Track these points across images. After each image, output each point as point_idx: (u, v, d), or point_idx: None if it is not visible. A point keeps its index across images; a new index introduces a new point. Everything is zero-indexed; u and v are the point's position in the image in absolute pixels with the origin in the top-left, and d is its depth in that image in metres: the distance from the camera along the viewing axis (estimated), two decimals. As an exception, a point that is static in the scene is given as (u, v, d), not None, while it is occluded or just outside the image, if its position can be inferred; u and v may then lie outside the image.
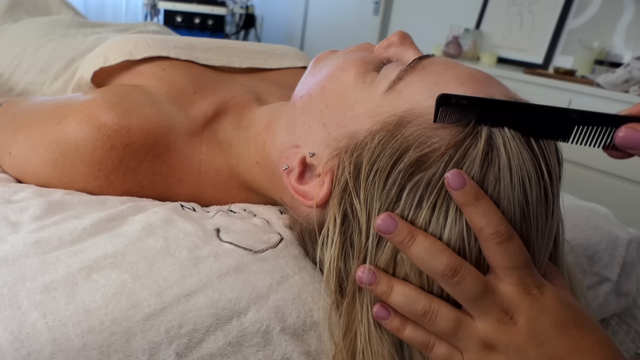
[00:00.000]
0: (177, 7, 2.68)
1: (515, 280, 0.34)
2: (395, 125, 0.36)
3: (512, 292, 0.34)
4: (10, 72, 0.88)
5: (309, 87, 0.44)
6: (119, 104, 0.49)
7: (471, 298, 0.34)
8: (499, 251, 0.33)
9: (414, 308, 0.35)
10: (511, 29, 2.16)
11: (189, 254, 0.40)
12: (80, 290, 0.35)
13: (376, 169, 0.36)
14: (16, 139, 0.51)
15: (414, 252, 0.34)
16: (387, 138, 0.36)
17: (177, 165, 0.52)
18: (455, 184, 0.33)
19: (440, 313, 0.35)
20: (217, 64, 0.63)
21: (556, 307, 0.34)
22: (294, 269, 0.42)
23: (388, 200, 0.35)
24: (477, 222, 0.33)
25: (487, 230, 0.33)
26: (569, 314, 0.34)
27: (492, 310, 0.34)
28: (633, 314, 0.64)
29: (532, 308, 0.34)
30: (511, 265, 0.33)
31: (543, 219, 0.36)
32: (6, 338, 0.31)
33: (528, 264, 0.34)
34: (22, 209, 0.43)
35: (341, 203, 0.38)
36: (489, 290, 0.34)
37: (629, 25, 1.83)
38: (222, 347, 0.35)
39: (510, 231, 0.33)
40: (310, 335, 0.39)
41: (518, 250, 0.33)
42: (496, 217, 0.33)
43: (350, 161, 0.38)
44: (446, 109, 0.35)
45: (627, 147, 0.31)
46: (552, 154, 0.36)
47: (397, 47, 0.44)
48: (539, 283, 0.34)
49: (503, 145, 0.34)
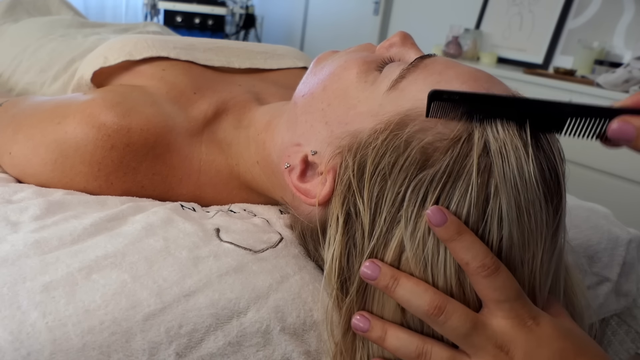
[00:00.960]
0: (177, 7, 2.68)
1: (507, 313, 0.33)
2: (398, 125, 0.36)
3: (506, 326, 0.33)
4: (10, 72, 0.88)
5: (311, 86, 0.45)
6: (119, 104, 0.49)
7: (461, 335, 0.33)
8: (487, 285, 0.33)
9: (408, 350, 0.35)
10: (511, 29, 2.16)
11: (189, 254, 0.40)
12: (80, 290, 0.35)
13: (380, 169, 0.36)
14: (16, 139, 0.51)
15: (399, 294, 0.34)
16: (391, 138, 0.36)
17: (177, 165, 0.52)
18: (437, 220, 0.33)
19: (433, 353, 0.34)
20: (217, 64, 0.63)
21: (554, 337, 0.33)
22: (294, 268, 0.42)
23: (392, 199, 0.35)
24: (462, 257, 0.33)
25: (474, 264, 0.33)
26: (568, 343, 0.33)
27: (485, 346, 0.33)
28: (633, 314, 0.64)
29: (528, 341, 0.33)
30: (502, 298, 0.33)
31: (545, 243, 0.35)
32: (6, 338, 0.31)
33: (519, 295, 0.33)
34: (22, 209, 0.43)
35: (344, 202, 0.38)
36: (479, 326, 0.33)
37: (629, 25, 1.83)
38: (222, 347, 0.35)
39: (496, 263, 0.33)
40: (310, 335, 0.39)
41: (507, 282, 0.33)
42: (481, 250, 0.33)
43: (354, 160, 0.37)
44: (438, 104, 0.35)
45: (619, 139, 0.31)
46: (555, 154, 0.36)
47: (399, 47, 0.44)
48: (534, 313, 0.34)
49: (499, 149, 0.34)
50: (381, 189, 0.35)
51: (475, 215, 0.33)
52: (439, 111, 0.35)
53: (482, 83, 0.38)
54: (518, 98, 0.35)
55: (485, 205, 0.33)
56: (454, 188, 0.33)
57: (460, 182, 0.33)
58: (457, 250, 0.33)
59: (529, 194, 0.34)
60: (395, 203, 0.35)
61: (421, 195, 0.34)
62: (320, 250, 0.42)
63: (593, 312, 0.58)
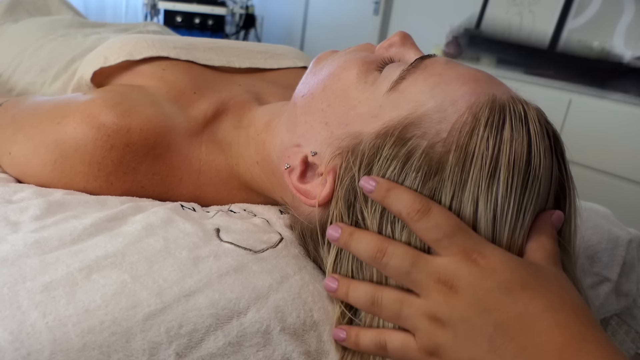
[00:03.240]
0: (177, 7, 2.67)
1: (449, 249, 0.33)
2: (401, 131, 0.37)
3: (448, 262, 0.33)
4: (10, 72, 0.88)
5: (311, 87, 0.45)
6: (118, 104, 0.49)
7: (403, 274, 0.34)
8: (422, 227, 0.34)
9: (364, 300, 0.36)
10: (511, 29, 2.15)
11: (189, 254, 0.40)
12: (80, 290, 0.35)
13: (387, 177, 0.36)
14: (16, 139, 0.51)
15: (352, 246, 0.37)
16: (395, 145, 0.36)
17: (177, 165, 0.52)
18: (368, 187, 0.36)
19: (384, 298, 0.35)
20: (217, 64, 0.63)
21: (499, 269, 0.32)
22: (294, 268, 0.42)
23: None
24: (395, 210, 0.35)
25: (404, 212, 0.34)
26: (515, 275, 0.32)
27: (428, 283, 0.33)
28: (633, 314, 0.64)
29: (471, 273, 0.32)
30: (439, 236, 0.33)
31: None
32: (6, 338, 0.31)
33: (458, 229, 0.33)
34: (22, 209, 0.43)
35: (349, 208, 0.38)
36: (419, 263, 0.34)
37: (629, 25, 1.83)
38: (222, 347, 0.35)
39: (425, 205, 0.34)
40: (310, 335, 0.38)
41: (441, 220, 0.33)
42: (409, 197, 0.34)
43: (358, 166, 0.38)
44: None
45: None
46: None
47: (399, 47, 0.44)
48: (479, 247, 0.33)
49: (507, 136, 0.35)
50: None
51: None
52: None
53: (482, 84, 0.38)
54: None
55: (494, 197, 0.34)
56: (462, 191, 0.34)
57: (468, 184, 0.34)
58: (390, 205, 0.35)
59: None
60: None
61: None
62: (320, 250, 0.42)
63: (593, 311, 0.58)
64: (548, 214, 0.37)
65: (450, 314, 0.32)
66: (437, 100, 0.37)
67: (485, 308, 0.31)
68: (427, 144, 0.36)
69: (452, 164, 0.34)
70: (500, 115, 0.35)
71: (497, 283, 0.32)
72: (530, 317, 0.30)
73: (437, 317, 0.33)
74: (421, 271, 0.34)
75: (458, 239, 0.33)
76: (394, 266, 0.35)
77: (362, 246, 0.36)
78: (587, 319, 0.31)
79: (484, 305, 0.31)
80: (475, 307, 0.31)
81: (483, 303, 0.31)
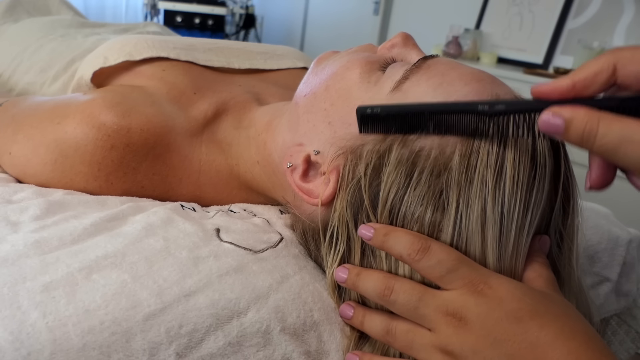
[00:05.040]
0: (177, 7, 2.68)
1: (455, 283, 0.33)
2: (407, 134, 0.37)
3: (455, 294, 0.33)
4: (10, 72, 0.88)
5: (313, 86, 0.45)
6: (119, 104, 0.49)
7: (411, 309, 0.34)
8: (424, 266, 0.34)
9: (379, 330, 0.37)
10: (511, 29, 2.15)
11: (189, 254, 0.40)
12: (80, 290, 0.35)
13: (396, 188, 0.36)
14: (16, 139, 0.51)
15: (361, 287, 0.37)
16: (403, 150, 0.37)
17: (177, 165, 0.52)
18: (367, 235, 0.36)
19: (397, 328, 0.36)
20: (216, 64, 0.63)
21: (507, 299, 0.32)
22: (294, 268, 0.42)
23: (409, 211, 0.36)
24: (395, 253, 0.35)
25: (405, 254, 0.34)
26: (523, 305, 0.32)
27: (436, 316, 0.33)
28: (633, 314, 0.64)
29: (478, 304, 0.32)
30: (443, 272, 0.33)
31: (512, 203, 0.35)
32: (6, 338, 0.31)
33: (461, 263, 0.33)
34: (22, 209, 0.43)
35: (356, 217, 0.38)
36: (426, 298, 0.34)
37: (629, 25, 1.83)
38: (222, 347, 0.35)
39: (424, 242, 0.34)
40: (310, 335, 0.39)
41: (442, 255, 0.33)
42: (407, 239, 0.34)
43: (365, 168, 0.38)
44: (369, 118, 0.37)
45: (549, 132, 0.30)
46: None
47: (401, 47, 0.44)
48: (484, 277, 0.33)
49: None
50: (396, 201, 0.36)
51: None
52: (372, 126, 0.37)
53: (485, 84, 0.38)
54: (438, 105, 0.36)
55: None
56: (470, 189, 0.34)
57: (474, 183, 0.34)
58: (390, 249, 0.35)
59: None
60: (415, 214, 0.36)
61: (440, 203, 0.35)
62: (322, 249, 0.42)
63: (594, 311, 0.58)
64: (535, 241, 0.37)
65: (461, 346, 0.32)
66: (441, 100, 0.37)
67: (496, 339, 0.31)
68: (432, 145, 0.36)
69: (457, 163, 0.35)
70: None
71: (506, 313, 0.31)
72: (542, 346, 0.30)
73: (449, 350, 0.33)
74: (429, 305, 0.34)
75: (462, 272, 0.33)
76: (402, 302, 0.35)
77: (370, 285, 0.36)
78: (599, 346, 0.31)
79: (495, 335, 0.31)
80: (486, 339, 0.31)
81: (493, 334, 0.31)
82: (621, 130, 0.27)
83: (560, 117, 0.29)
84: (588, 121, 0.28)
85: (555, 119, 0.29)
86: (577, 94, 0.30)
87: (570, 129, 0.29)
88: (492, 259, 0.35)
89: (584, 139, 0.29)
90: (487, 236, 0.34)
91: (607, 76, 0.29)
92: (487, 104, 0.33)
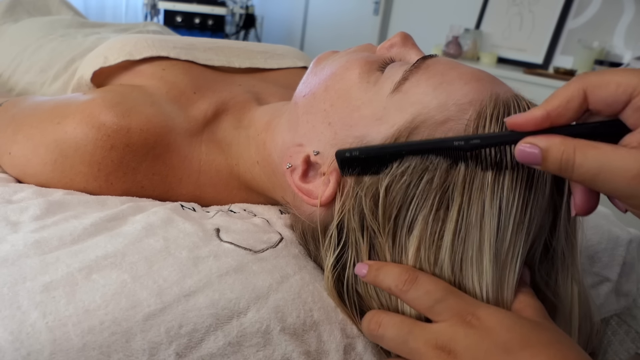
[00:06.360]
0: (177, 7, 2.68)
1: (442, 314, 0.33)
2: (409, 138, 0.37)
3: (444, 326, 0.32)
4: (10, 72, 0.88)
5: (312, 87, 0.45)
6: (118, 104, 0.49)
7: (400, 344, 0.34)
8: (412, 298, 0.34)
9: None
10: (511, 29, 2.15)
11: (189, 254, 0.40)
12: (80, 290, 0.35)
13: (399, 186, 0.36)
14: (16, 139, 0.51)
15: None
16: None
17: (177, 165, 0.52)
18: (362, 272, 0.37)
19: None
20: (217, 64, 0.63)
21: (496, 330, 0.31)
22: (294, 268, 0.42)
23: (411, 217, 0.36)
24: (385, 287, 0.35)
25: (393, 286, 0.34)
26: (513, 335, 0.31)
27: (426, 350, 0.32)
28: (633, 314, 0.64)
29: (468, 336, 0.31)
30: (430, 303, 0.33)
31: None
32: (6, 338, 0.31)
33: (449, 292, 0.33)
34: (22, 209, 0.43)
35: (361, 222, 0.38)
36: (415, 331, 0.33)
37: (629, 25, 1.83)
38: (222, 347, 0.35)
39: (412, 273, 0.34)
40: (310, 335, 0.38)
41: (430, 286, 0.33)
42: (395, 271, 0.34)
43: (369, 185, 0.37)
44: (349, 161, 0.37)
45: (526, 162, 0.30)
46: None
47: (400, 47, 0.44)
48: (473, 308, 0.32)
49: None
50: (401, 207, 0.36)
51: None
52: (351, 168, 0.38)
53: (485, 83, 0.38)
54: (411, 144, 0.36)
55: None
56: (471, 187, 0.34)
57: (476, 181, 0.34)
58: (380, 282, 0.35)
59: None
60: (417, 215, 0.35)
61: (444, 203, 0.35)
62: (322, 250, 0.42)
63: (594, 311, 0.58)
64: None
65: None
66: (441, 100, 0.37)
67: None
68: None
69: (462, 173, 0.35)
70: (505, 110, 0.36)
71: (495, 344, 0.30)
72: None
73: None
74: (418, 339, 0.33)
75: (449, 303, 0.33)
76: (391, 337, 0.34)
77: (364, 323, 0.37)
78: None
79: None
80: None
81: None
82: (598, 158, 0.27)
83: (537, 147, 0.29)
84: (564, 150, 0.28)
85: (532, 149, 0.29)
86: (552, 123, 0.30)
87: (547, 159, 0.29)
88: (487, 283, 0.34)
89: (562, 168, 0.29)
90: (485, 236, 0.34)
91: (578, 103, 0.29)
92: (463, 140, 0.33)
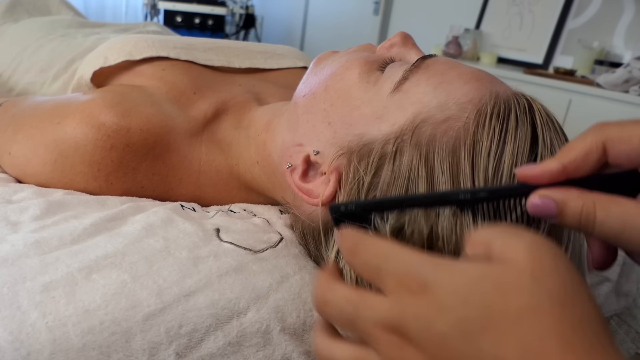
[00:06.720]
0: (177, 7, 2.68)
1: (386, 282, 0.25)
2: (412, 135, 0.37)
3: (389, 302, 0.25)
4: (10, 72, 0.88)
5: (312, 86, 0.45)
6: (118, 104, 0.49)
7: (348, 324, 0.27)
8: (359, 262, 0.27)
9: None
10: (511, 29, 2.16)
11: (189, 254, 0.40)
12: (80, 290, 0.35)
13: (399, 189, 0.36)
14: (16, 139, 0.51)
15: None
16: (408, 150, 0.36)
17: (176, 165, 0.52)
18: None
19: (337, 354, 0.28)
20: (217, 64, 0.63)
21: (449, 303, 0.22)
22: (294, 268, 0.42)
23: None
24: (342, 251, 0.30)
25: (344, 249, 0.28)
26: (472, 311, 0.22)
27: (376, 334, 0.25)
28: (633, 314, 0.64)
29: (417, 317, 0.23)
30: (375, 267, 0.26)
31: None
32: (6, 338, 0.31)
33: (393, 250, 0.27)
34: (22, 209, 0.43)
35: None
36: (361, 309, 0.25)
37: (629, 25, 1.83)
38: (222, 347, 0.35)
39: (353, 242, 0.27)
40: (310, 335, 0.38)
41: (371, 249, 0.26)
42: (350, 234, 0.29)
43: (367, 173, 0.37)
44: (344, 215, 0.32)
45: (541, 215, 0.28)
46: None
47: (400, 47, 0.44)
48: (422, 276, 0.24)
49: None
50: None
51: None
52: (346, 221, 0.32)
53: (484, 82, 0.38)
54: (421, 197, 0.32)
55: None
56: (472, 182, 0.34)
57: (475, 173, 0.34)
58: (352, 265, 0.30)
59: None
60: None
61: None
62: (322, 250, 0.42)
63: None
64: None
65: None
66: (441, 100, 0.37)
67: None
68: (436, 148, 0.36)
69: (464, 157, 0.34)
70: (505, 107, 0.35)
71: (449, 326, 0.22)
72: None
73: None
74: (366, 320, 0.25)
75: (390, 265, 0.25)
76: (336, 316, 0.27)
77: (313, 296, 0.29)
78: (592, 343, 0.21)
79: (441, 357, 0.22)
80: None
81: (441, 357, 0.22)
82: (621, 216, 0.25)
83: (552, 201, 0.27)
84: (584, 205, 0.26)
85: (547, 203, 0.27)
86: (568, 177, 0.28)
87: (565, 213, 0.27)
88: None
89: (582, 224, 0.26)
90: None
91: (597, 156, 0.27)
92: (469, 193, 0.30)
